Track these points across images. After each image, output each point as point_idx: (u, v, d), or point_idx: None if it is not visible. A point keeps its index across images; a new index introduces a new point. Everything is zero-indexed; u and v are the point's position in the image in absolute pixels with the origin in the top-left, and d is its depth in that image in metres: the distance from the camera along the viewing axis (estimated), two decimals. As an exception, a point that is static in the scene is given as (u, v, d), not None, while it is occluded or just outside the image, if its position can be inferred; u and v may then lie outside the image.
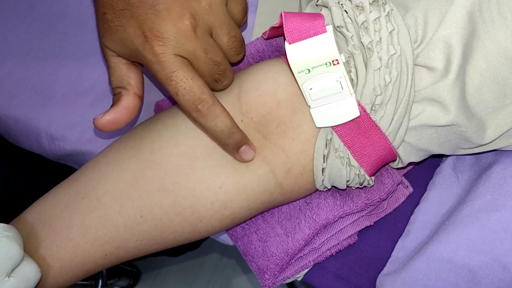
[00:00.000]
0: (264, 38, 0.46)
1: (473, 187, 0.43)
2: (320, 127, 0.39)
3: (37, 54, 0.57)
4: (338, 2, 0.38)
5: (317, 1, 0.40)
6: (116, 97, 0.40)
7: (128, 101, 0.40)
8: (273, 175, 0.40)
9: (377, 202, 0.45)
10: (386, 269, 0.46)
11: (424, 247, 0.43)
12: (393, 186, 0.45)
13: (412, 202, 0.49)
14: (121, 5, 0.37)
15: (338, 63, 0.36)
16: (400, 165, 0.43)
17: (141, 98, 0.41)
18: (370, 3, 0.37)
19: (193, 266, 1.25)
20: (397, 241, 0.47)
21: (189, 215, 0.40)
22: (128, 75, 0.40)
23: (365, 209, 0.46)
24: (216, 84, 0.40)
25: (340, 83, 0.37)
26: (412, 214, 0.47)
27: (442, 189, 0.46)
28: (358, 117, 0.38)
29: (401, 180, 0.48)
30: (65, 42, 0.57)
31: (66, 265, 0.40)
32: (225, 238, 0.52)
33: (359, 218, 0.47)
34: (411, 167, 0.50)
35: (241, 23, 0.42)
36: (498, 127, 0.39)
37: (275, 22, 0.42)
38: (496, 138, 0.39)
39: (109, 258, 0.41)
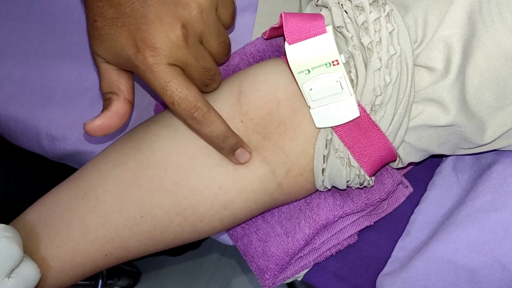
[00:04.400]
0: (264, 38, 0.46)
1: (473, 187, 0.43)
2: (320, 128, 0.39)
3: (37, 54, 0.57)
4: (338, 3, 0.38)
5: (317, 1, 0.40)
6: (106, 102, 0.41)
7: (118, 107, 0.40)
8: (273, 176, 0.40)
9: (377, 202, 0.45)
10: (386, 269, 0.46)
11: (424, 247, 0.43)
12: (393, 186, 0.45)
13: (412, 202, 0.49)
14: (112, 14, 0.37)
15: (338, 63, 0.36)
16: (400, 165, 0.43)
17: (132, 104, 0.41)
18: (370, 4, 0.37)
19: (193, 266, 1.25)
20: (397, 241, 0.47)
21: (189, 215, 0.40)
22: (119, 81, 0.40)
23: (365, 209, 0.46)
24: (206, 88, 0.41)
25: (340, 83, 0.37)
26: (412, 214, 0.47)
27: (442, 189, 0.46)
28: (358, 117, 0.38)
29: (401, 180, 0.48)
30: (65, 42, 0.57)
31: (66, 265, 0.40)
32: (225, 238, 0.52)
33: (359, 218, 0.47)
34: (411, 167, 0.50)
35: (229, 27, 0.43)
36: (498, 127, 0.38)
37: (275, 22, 0.42)
38: (496, 139, 0.39)
39: (109, 259, 0.41)
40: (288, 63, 0.37)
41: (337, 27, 0.38)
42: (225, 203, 0.40)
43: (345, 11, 0.38)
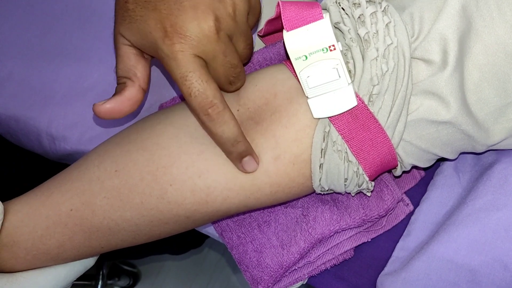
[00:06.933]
0: (259, 35, 0.46)
1: (474, 187, 0.43)
2: (318, 118, 0.39)
3: (38, 54, 0.57)
4: (336, 1, 0.38)
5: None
6: (120, 86, 0.40)
7: (131, 93, 0.39)
8: (259, 159, 0.40)
9: (375, 218, 0.45)
10: (386, 269, 0.46)
11: (425, 247, 0.43)
12: (393, 203, 0.45)
13: (413, 203, 0.49)
14: None
15: (334, 49, 0.37)
16: (402, 170, 0.42)
17: (145, 92, 0.41)
18: (366, 1, 0.38)
19: (193, 266, 1.25)
20: (397, 241, 0.47)
21: (160, 175, 0.39)
22: (136, 67, 0.40)
23: (363, 225, 0.46)
24: (230, 86, 0.40)
25: (337, 70, 0.37)
26: (412, 214, 0.47)
27: (443, 189, 0.46)
28: (355, 108, 0.38)
29: (402, 198, 0.48)
30: (66, 42, 0.57)
31: (32, 212, 0.41)
32: (214, 232, 0.52)
33: (357, 233, 0.47)
34: (414, 183, 0.49)
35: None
36: (505, 129, 0.38)
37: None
38: (503, 140, 0.39)
39: (73, 216, 0.41)
40: (286, 49, 0.38)
41: (335, 23, 0.38)
42: (201, 170, 0.39)
43: (342, 8, 0.38)
